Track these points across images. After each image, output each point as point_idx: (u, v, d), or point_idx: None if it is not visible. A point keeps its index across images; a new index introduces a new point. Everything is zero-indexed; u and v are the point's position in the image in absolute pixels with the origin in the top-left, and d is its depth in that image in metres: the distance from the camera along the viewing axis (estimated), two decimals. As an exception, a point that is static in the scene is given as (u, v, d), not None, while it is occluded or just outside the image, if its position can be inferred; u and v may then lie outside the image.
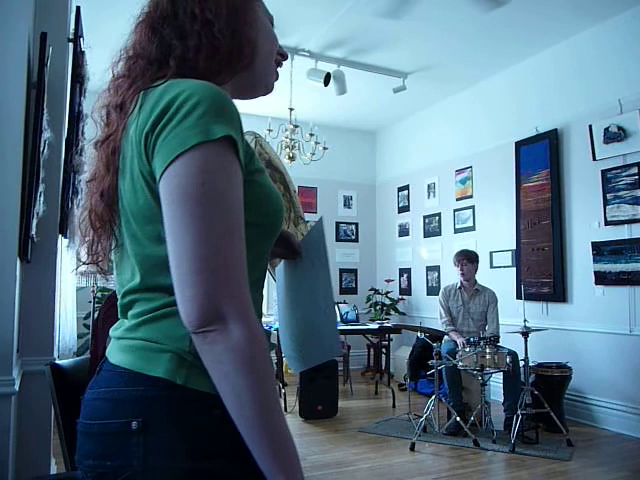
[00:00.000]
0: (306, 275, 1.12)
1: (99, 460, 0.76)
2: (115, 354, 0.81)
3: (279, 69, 1.02)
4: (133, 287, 0.81)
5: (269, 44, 0.96)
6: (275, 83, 1.01)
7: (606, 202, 4.38)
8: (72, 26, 2.57)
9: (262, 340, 0.71)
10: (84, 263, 0.90)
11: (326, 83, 5.16)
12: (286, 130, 5.32)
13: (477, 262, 4.70)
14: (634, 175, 4.17)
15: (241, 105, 1.07)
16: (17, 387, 2.01)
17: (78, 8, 2.57)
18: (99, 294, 4.51)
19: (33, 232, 2.06)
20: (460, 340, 4.37)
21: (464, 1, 4.08)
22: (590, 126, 4.49)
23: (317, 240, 1.07)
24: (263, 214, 0.83)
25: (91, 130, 0.94)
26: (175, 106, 0.73)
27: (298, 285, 1.14)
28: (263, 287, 0.92)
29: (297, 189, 2.05)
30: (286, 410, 4.85)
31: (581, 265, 4.62)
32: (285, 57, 1.01)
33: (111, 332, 0.87)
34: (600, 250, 4.39)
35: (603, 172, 4.42)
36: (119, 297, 0.86)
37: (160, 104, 0.74)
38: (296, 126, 5.33)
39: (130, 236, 0.81)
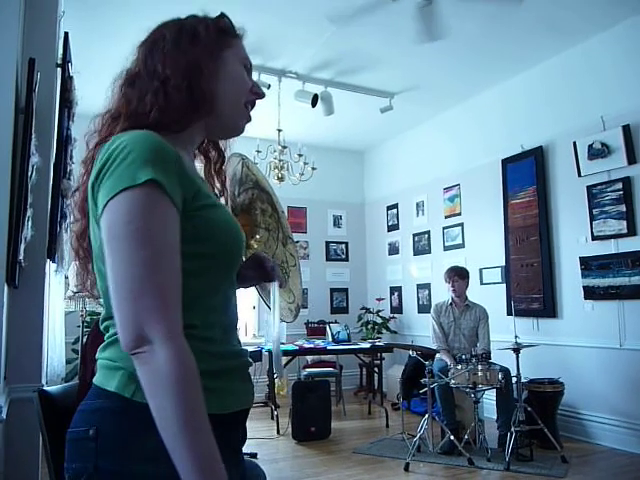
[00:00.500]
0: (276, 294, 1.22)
1: (69, 463, 0.87)
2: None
3: (259, 101, 1.07)
4: (104, 315, 0.93)
5: (237, 90, 1.01)
6: (248, 125, 1.06)
7: (592, 217, 4.44)
8: (60, 51, 2.59)
9: (188, 362, 0.77)
10: (75, 293, 1.01)
11: (314, 104, 5.21)
12: (275, 151, 5.35)
13: (468, 278, 4.73)
14: (619, 190, 4.24)
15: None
16: (4, 415, 1.98)
17: (66, 34, 2.59)
18: (88, 318, 4.45)
19: (21, 257, 2.05)
20: (450, 360, 4.38)
21: (453, 19, 4.14)
22: (574, 143, 4.56)
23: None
24: (215, 245, 0.91)
25: (80, 154, 0.98)
26: (113, 157, 0.83)
27: (274, 305, 1.23)
28: (227, 311, 0.98)
29: (286, 210, 2.05)
30: (279, 432, 4.80)
31: (570, 280, 4.65)
32: (260, 96, 1.06)
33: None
34: (588, 265, 4.43)
35: (588, 188, 4.48)
36: (99, 322, 0.97)
37: (104, 156, 0.84)
38: (284, 147, 5.36)
39: (97, 271, 0.93)
